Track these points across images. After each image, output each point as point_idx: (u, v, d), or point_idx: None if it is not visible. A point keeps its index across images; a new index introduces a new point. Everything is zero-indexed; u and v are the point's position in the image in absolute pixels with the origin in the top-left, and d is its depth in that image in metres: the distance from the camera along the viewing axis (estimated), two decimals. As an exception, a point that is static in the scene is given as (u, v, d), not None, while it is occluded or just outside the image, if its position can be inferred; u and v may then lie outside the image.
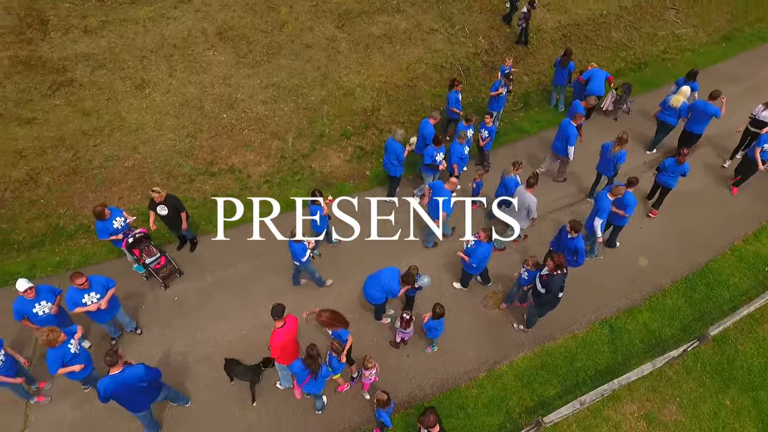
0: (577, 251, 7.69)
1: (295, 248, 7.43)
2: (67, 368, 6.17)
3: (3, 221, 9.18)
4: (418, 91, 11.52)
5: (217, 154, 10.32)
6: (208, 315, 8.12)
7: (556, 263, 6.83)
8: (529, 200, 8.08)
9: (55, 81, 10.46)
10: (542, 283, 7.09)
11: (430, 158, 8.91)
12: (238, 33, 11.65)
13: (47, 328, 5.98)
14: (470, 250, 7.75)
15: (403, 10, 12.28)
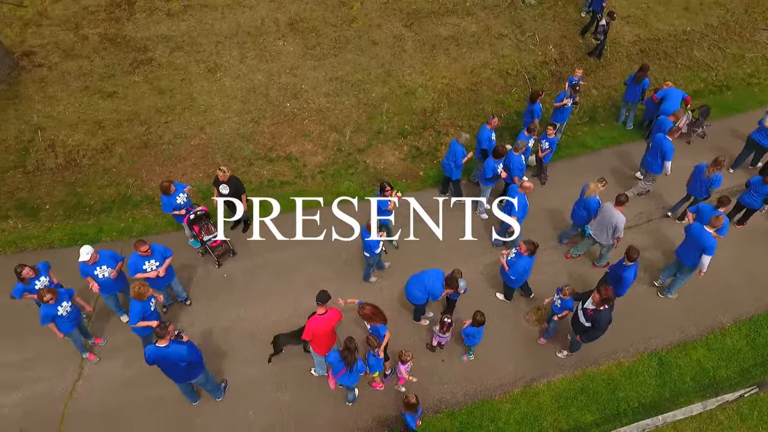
0: (621, 281, 7.26)
1: (370, 240, 7.52)
2: (145, 322, 6.61)
3: (79, 185, 9.88)
4: (480, 96, 11.36)
5: (277, 141, 10.63)
6: (253, 295, 8.39)
7: (603, 297, 6.38)
8: (617, 218, 7.75)
9: (137, 59, 11.14)
10: (587, 318, 6.68)
11: (491, 171, 8.72)
12: (308, 25, 11.94)
13: (138, 282, 6.44)
14: (510, 262, 7.57)
15: (474, 13, 12.14)
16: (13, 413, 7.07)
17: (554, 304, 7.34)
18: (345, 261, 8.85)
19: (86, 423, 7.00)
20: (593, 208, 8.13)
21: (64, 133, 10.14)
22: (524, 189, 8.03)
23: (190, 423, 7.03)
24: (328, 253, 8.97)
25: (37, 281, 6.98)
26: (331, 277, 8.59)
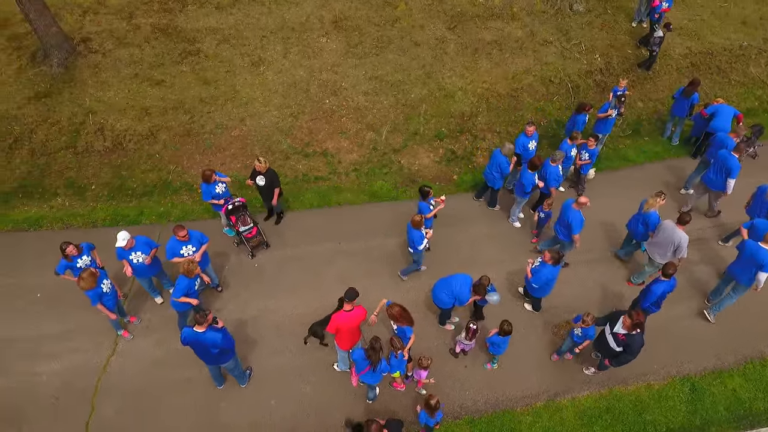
0: (647, 292, 7.05)
1: (414, 235, 7.58)
2: (186, 299, 6.88)
3: (123, 168, 10.28)
4: (521, 103, 11.20)
5: (314, 136, 10.77)
6: (282, 287, 8.54)
7: (635, 322, 6.18)
8: (680, 237, 7.52)
9: (185, 49, 11.49)
10: (618, 343, 6.45)
11: (530, 185, 8.60)
12: (352, 23, 12.04)
13: (188, 258, 6.74)
14: (534, 270, 7.44)
15: (520, 18, 11.98)
16: (51, 381, 7.43)
17: (573, 333, 7.06)
18: (376, 258, 8.89)
19: (117, 397, 7.28)
20: (652, 223, 7.87)
21: (113, 117, 10.56)
22: (579, 205, 7.81)
23: (214, 406, 7.21)
24: (360, 250, 9.04)
25: (78, 260, 7.29)
26: (360, 273, 8.65)
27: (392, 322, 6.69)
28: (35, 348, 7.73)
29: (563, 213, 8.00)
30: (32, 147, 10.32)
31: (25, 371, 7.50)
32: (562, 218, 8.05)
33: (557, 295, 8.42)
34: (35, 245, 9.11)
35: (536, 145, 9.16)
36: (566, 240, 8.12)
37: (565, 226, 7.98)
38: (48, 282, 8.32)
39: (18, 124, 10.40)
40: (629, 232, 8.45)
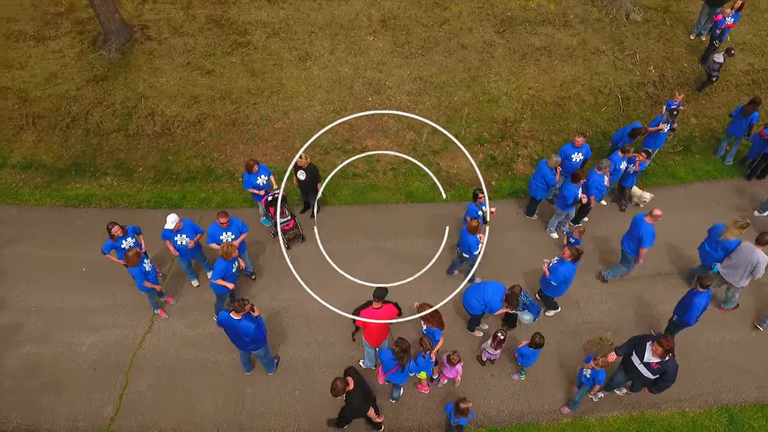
0: (690, 306, 6.78)
1: (470, 240, 7.52)
2: (224, 282, 7.06)
3: (170, 153, 10.63)
4: (567, 112, 10.93)
5: (355, 133, 10.84)
6: (314, 280, 8.63)
7: (666, 348, 5.93)
8: (758, 258, 7.26)
9: (236, 41, 11.76)
10: (653, 372, 6.19)
11: (572, 197, 8.29)
12: (400, 23, 12.03)
13: (227, 243, 6.92)
14: (552, 268, 7.30)
15: (572, 25, 11.69)
16: (90, 353, 7.77)
17: (582, 374, 6.67)
18: (408, 258, 8.87)
19: (150, 373, 7.55)
20: (732, 248, 7.55)
21: (163, 103, 10.93)
22: (653, 218, 7.53)
23: (241, 391, 7.38)
24: (392, 249, 9.05)
25: (123, 241, 7.57)
26: (392, 272, 8.65)
27: (422, 322, 6.67)
28: (78, 320, 8.11)
29: (634, 227, 7.71)
30: (87, 127, 10.80)
31: (68, 341, 7.87)
32: (632, 232, 7.76)
33: (592, 311, 8.22)
34: (83, 221, 9.55)
35: (582, 158, 8.90)
36: (633, 255, 7.85)
37: (635, 240, 7.71)
38: (93, 257, 8.69)
39: (76, 104, 10.90)
40: (702, 256, 8.06)
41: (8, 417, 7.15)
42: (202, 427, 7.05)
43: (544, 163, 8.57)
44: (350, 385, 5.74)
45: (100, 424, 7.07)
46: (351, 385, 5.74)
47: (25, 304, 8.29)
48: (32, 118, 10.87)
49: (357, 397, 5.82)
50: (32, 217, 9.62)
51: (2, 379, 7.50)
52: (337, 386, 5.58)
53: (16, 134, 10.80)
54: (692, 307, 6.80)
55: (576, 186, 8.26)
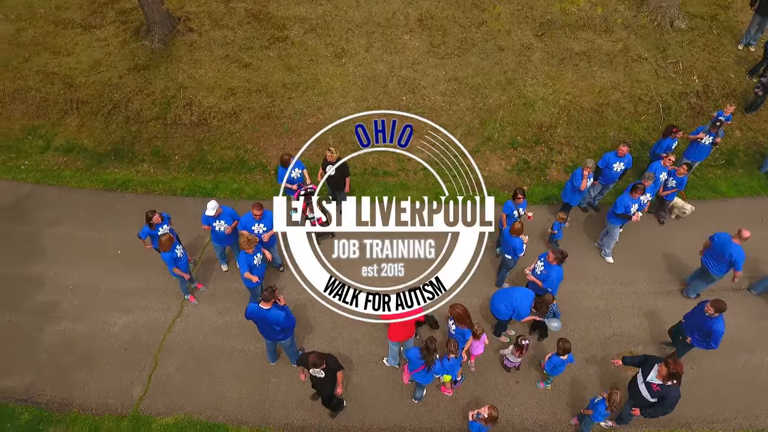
0: (712, 335, 6.55)
1: (515, 242, 7.43)
2: (250, 275, 7.15)
3: (205, 143, 10.83)
4: (604, 119, 10.70)
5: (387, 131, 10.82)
6: (341, 273, 8.65)
7: (672, 371, 5.68)
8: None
9: (274, 36, 11.91)
10: (652, 393, 5.98)
11: (623, 208, 7.95)
12: (437, 23, 11.99)
13: (245, 235, 7.02)
14: (543, 276, 7.17)
15: (614, 31, 11.43)
16: (122, 333, 7.98)
17: (593, 403, 6.40)
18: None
19: (178, 357, 7.72)
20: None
21: (201, 94, 11.14)
22: (741, 239, 7.25)
23: (265, 380, 7.47)
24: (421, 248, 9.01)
25: (160, 228, 7.76)
26: (418, 271, 8.62)
27: (452, 322, 6.64)
28: (112, 300, 8.34)
29: (720, 247, 7.39)
30: (127, 114, 11.09)
31: (102, 320, 8.11)
32: (717, 252, 7.45)
33: (623, 324, 8.03)
34: (121, 205, 9.82)
35: (624, 168, 8.68)
36: (719, 274, 7.59)
37: (723, 262, 7.40)
38: (128, 241, 8.92)
39: (118, 92, 11.21)
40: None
41: (43, 390, 7.41)
42: (226, 413, 7.17)
43: (580, 170, 8.39)
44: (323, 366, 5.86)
45: (129, 402, 7.27)
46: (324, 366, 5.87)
47: (63, 282, 8.58)
48: (76, 103, 11.23)
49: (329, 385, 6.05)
50: (72, 199, 9.94)
51: (39, 353, 7.77)
52: (310, 359, 5.77)
53: (61, 118, 11.17)
54: (715, 334, 6.56)
55: (632, 199, 7.83)
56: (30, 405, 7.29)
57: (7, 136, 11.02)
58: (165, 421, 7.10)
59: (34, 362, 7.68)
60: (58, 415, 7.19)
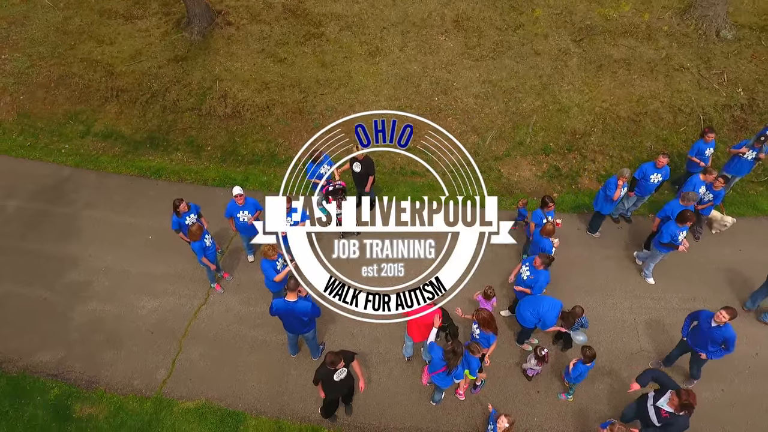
0: (727, 342, 6.37)
1: (545, 243, 7.34)
2: (280, 275, 7.18)
3: (237, 135, 11.01)
4: (641, 129, 10.42)
5: (417, 131, 10.76)
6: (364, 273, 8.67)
7: (683, 402, 5.46)
8: None
9: (309, 32, 12.01)
10: (660, 419, 5.77)
11: (669, 237, 7.51)
12: (473, 24, 11.89)
13: (267, 244, 7.06)
14: (531, 282, 7.06)
15: (656, 39, 11.12)
16: (149, 316, 8.18)
17: None
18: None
19: (201, 343, 7.86)
20: None
21: (236, 87, 11.33)
22: None
23: (285, 371, 7.54)
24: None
25: (187, 217, 7.92)
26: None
27: (476, 326, 6.58)
28: (141, 284, 8.56)
29: None
30: (164, 104, 11.37)
31: (130, 303, 8.32)
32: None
33: (651, 340, 7.81)
34: (154, 192, 10.07)
35: (661, 179, 8.44)
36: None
37: None
38: (160, 227, 9.17)
39: (156, 81, 11.50)
40: None
41: (73, 366, 7.66)
42: (246, 402, 7.27)
43: (614, 178, 8.19)
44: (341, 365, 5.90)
45: (153, 385, 7.44)
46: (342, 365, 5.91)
47: (96, 263, 8.84)
48: (116, 91, 11.56)
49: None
50: (108, 184, 10.25)
51: (70, 331, 8.03)
52: (327, 360, 5.80)
53: (101, 105, 11.53)
54: (730, 341, 6.40)
55: (680, 227, 7.46)
56: (59, 380, 7.53)
57: (50, 120, 11.44)
58: (186, 406, 7.24)
59: (65, 339, 7.94)
60: (85, 391, 7.42)
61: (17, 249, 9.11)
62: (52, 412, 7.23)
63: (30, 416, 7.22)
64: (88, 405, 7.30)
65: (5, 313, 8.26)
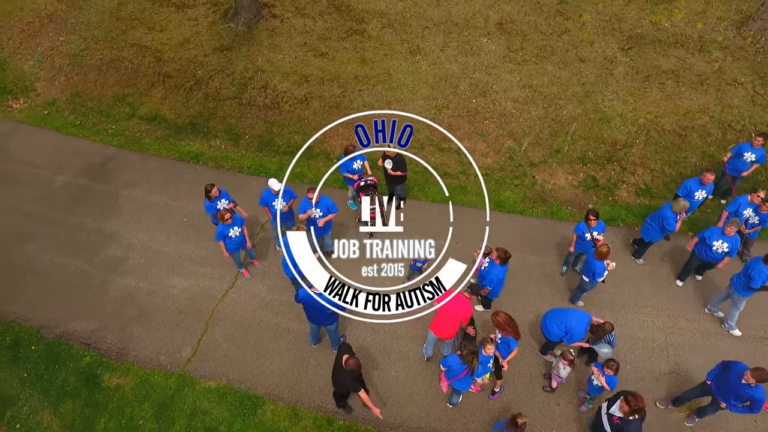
0: (753, 403, 6.05)
1: (596, 266, 7.16)
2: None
3: (275, 126, 11.21)
4: (687, 143, 10.04)
5: (453, 133, 10.66)
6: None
7: (633, 408, 5.53)
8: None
9: (352, 28, 12.10)
10: (612, 426, 5.76)
11: (762, 281, 7.03)
12: (517, 28, 11.71)
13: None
14: (485, 272, 7.16)
15: (708, 51, 10.68)
16: (179, 296, 8.44)
17: None
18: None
19: (226, 325, 8.06)
20: None
21: (276, 78, 11.53)
22: None
23: (305, 360, 7.64)
24: (470, 253, 8.87)
25: (218, 201, 8.11)
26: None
27: (497, 331, 6.51)
28: (174, 264, 8.84)
29: None
30: (207, 91, 11.68)
31: (162, 281, 8.61)
32: None
33: (682, 362, 7.53)
34: (191, 176, 10.37)
35: (705, 196, 8.11)
36: None
37: None
38: (194, 210, 9.45)
39: (201, 69, 11.83)
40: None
41: (104, 337, 7.99)
42: (265, 387, 7.41)
43: (668, 206, 7.75)
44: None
45: (178, 362, 7.68)
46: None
47: (133, 241, 9.19)
48: (163, 76, 11.96)
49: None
50: (149, 165, 10.62)
51: (104, 303, 8.38)
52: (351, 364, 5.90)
53: (148, 89, 11.95)
54: (756, 402, 6.04)
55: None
56: (91, 350, 7.87)
57: (100, 101, 11.94)
58: (208, 385, 7.44)
59: (100, 311, 8.29)
60: (114, 362, 7.73)
61: (63, 221, 9.57)
62: (83, 379, 7.57)
63: (62, 381, 7.58)
64: (116, 375, 7.60)
65: (48, 282, 8.69)
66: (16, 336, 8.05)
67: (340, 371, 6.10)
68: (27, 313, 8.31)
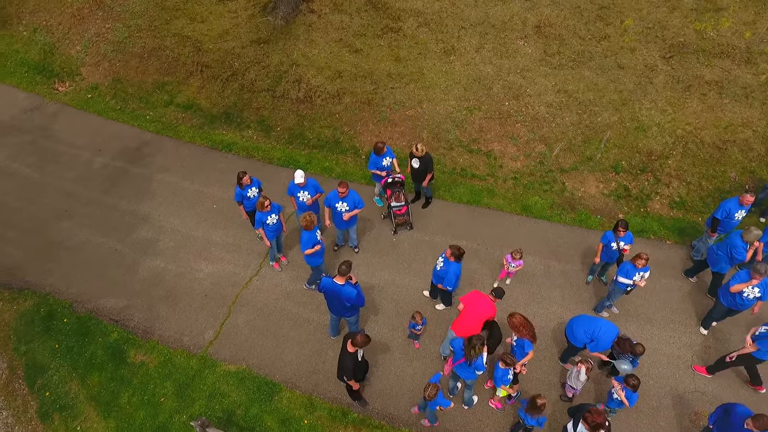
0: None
1: (628, 268, 7.11)
2: (311, 249, 7.34)
3: (306, 120, 11.35)
4: (727, 157, 9.70)
5: (484, 135, 10.65)
6: (412, 267, 8.70)
7: (592, 425, 5.43)
8: None
9: (387, 26, 12.14)
10: None
11: None
12: (555, 32, 11.52)
13: (306, 213, 7.21)
14: (442, 273, 7.14)
15: (756, 62, 10.28)
16: (205, 279, 8.65)
17: None
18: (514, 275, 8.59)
19: (248, 311, 8.22)
20: None
21: (311, 73, 11.67)
22: None
23: (322, 351, 7.73)
24: (495, 257, 8.80)
25: (249, 189, 8.25)
26: (489, 280, 8.46)
27: (512, 332, 6.45)
28: (202, 249, 9.06)
29: None
30: (243, 83, 11.92)
31: (190, 265, 8.84)
32: None
33: (709, 382, 7.28)
34: (223, 164, 10.61)
35: (744, 216, 7.75)
36: None
37: None
38: (224, 197, 9.67)
39: (238, 61, 12.07)
40: None
41: (132, 315, 8.26)
42: (283, 375, 7.52)
43: (737, 234, 7.33)
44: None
45: (201, 344, 7.88)
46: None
47: (164, 224, 9.47)
48: (201, 66, 12.26)
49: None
50: (183, 152, 10.91)
51: (134, 282, 8.66)
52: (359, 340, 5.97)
53: (186, 78, 12.27)
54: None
55: None
56: (119, 326, 8.16)
57: (140, 87, 12.33)
58: (228, 368, 7.61)
59: (130, 290, 8.57)
60: (140, 340, 7.98)
61: (99, 201, 9.93)
62: (110, 354, 7.85)
63: (91, 354, 7.87)
64: (141, 353, 7.85)
65: (82, 258, 9.04)
66: (50, 308, 8.41)
67: (344, 353, 6.18)
68: (61, 287, 8.66)
